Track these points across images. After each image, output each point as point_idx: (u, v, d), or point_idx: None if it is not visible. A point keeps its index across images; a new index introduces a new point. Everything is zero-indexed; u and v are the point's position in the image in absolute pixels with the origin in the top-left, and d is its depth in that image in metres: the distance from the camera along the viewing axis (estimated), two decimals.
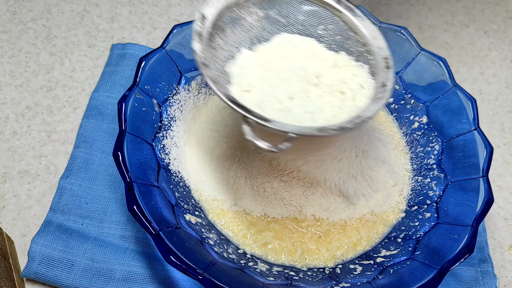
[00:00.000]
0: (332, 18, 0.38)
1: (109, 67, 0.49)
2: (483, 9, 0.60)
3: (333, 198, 0.39)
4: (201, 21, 0.34)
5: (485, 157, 0.37)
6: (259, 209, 0.39)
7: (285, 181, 0.39)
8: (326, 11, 0.38)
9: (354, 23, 0.37)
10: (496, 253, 0.42)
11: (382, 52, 0.36)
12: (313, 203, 0.39)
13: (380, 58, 0.36)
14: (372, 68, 0.36)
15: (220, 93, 0.31)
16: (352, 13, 0.37)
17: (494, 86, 0.53)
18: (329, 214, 0.39)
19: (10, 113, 0.46)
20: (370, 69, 0.37)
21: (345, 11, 0.37)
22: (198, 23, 0.34)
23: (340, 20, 0.38)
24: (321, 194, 0.39)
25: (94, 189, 0.41)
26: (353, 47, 0.37)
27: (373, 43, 0.36)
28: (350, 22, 0.37)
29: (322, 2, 0.38)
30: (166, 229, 0.33)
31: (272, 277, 0.35)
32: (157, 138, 0.39)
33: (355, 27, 0.37)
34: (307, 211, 0.39)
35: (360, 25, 0.37)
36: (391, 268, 0.35)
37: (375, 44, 0.36)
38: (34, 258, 0.37)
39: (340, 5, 0.38)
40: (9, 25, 0.52)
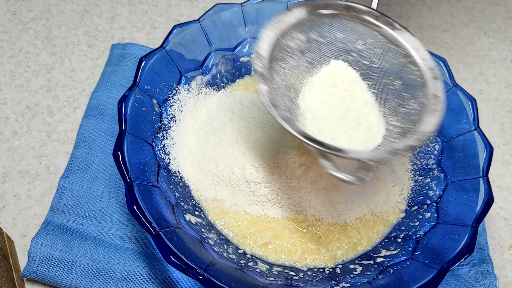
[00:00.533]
0: (370, 33, 0.38)
1: (109, 67, 0.49)
2: (483, 9, 0.60)
3: (336, 197, 0.39)
4: (260, 61, 0.34)
5: (485, 157, 0.37)
6: (259, 209, 0.39)
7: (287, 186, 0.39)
8: (364, 27, 0.38)
9: (393, 36, 0.37)
10: (496, 253, 0.42)
11: (427, 63, 0.36)
12: (313, 204, 0.39)
13: (426, 69, 0.36)
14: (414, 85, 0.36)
15: (294, 131, 0.31)
16: (390, 27, 0.38)
17: (494, 86, 0.53)
18: (330, 214, 0.39)
19: (10, 113, 0.46)
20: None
21: (383, 26, 0.37)
22: (258, 64, 0.34)
23: (378, 34, 0.38)
24: (323, 196, 0.39)
25: (94, 189, 0.41)
26: (394, 59, 0.37)
27: (415, 55, 0.37)
28: (390, 35, 0.37)
29: (360, 19, 0.38)
30: (166, 229, 0.33)
31: (272, 277, 0.35)
32: (157, 138, 0.39)
33: (395, 40, 0.37)
34: (308, 212, 0.39)
35: (400, 37, 0.37)
36: (391, 268, 0.35)
37: (418, 55, 0.36)
38: (34, 258, 0.37)
39: (379, 21, 0.38)
40: (9, 25, 0.52)
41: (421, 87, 0.36)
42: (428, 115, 0.34)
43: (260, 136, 0.41)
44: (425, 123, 0.34)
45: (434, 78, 0.36)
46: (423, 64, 0.36)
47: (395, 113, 0.36)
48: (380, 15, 0.38)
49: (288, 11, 0.36)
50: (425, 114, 0.34)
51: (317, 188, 0.39)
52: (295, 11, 0.36)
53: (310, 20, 0.37)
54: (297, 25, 0.36)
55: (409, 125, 0.35)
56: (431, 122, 0.34)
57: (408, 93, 0.36)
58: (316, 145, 0.31)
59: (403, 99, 0.37)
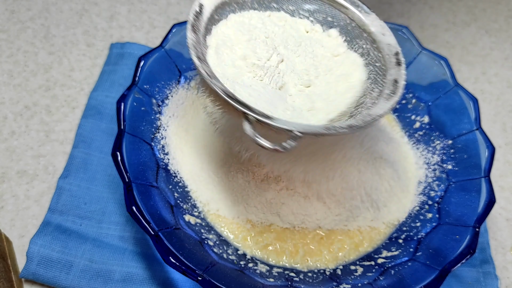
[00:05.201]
0: (339, 15, 0.37)
1: (108, 66, 0.49)
2: (485, 8, 0.59)
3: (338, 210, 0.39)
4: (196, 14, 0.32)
5: (487, 157, 0.37)
6: (261, 219, 0.39)
7: (279, 194, 0.38)
8: (332, 8, 0.37)
9: (362, 20, 0.36)
10: (498, 254, 0.41)
11: (392, 48, 0.35)
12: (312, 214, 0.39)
13: (390, 54, 0.35)
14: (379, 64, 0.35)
15: (217, 88, 0.29)
16: (358, 9, 0.36)
17: (496, 85, 0.53)
18: (336, 225, 0.39)
19: (8, 113, 0.46)
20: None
21: (351, 8, 0.36)
22: (192, 15, 0.32)
23: (347, 18, 0.36)
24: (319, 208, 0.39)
25: (93, 190, 0.41)
26: (361, 44, 0.36)
27: (382, 40, 0.35)
28: (358, 19, 0.36)
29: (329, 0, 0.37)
30: (165, 230, 0.32)
31: (272, 278, 0.35)
32: (156, 138, 0.39)
33: (363, 24, 0.36)
34: (309, 225, 0.39)
35: (367, 21, 0.36)
36: (392, 269, 0.35)
37: (384, 40, 0.35)
38: (32, 258, 0.37)
39: (346, 1, 0.36)
40: (7, 24, 0.52)
41: (384, 74, 0.34)
42: (382, 100, 0.32)
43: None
44: (376, 107, 0.32)
45: (397, 64, 0.34)
46: (388, 49, 0.35)
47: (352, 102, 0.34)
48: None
49: None
50: (380, 98, 0.32)
51: (321, 200, 0.38)
52: None
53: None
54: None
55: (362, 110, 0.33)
56: (382, 106, 0.32)
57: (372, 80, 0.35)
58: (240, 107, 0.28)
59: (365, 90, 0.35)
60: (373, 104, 0.33)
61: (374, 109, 0.32)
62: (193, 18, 0.32)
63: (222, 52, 0.33)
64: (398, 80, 0.33)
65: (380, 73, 0.35)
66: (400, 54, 0.35)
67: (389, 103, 0.32)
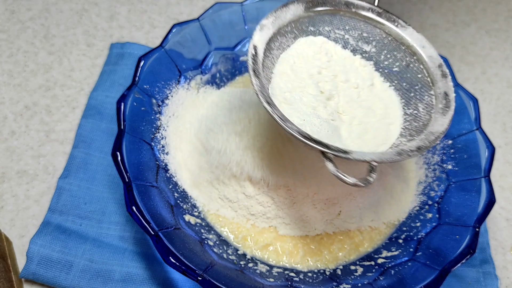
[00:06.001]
0: (373, 30, 0.37)
1: (108, 66, 0.49)
2: (485, 8, 0.59)
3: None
4: (253, 56, 0.32)
5: (487, 157, 0.37)
6: (261, 223, 0.39)
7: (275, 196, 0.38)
8: (367, 25, 0.37)
9: (399, 34, 0.36)
10: (497, 254, 0.41)
11: (434, 61, 0.35)
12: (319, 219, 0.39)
13: (434, 67, 0.35)
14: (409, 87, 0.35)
15: (294, 131, 0.29)
16: (394, 24, 0.36)
17: (496, 85, 0.53)
18: (337, 228, 0.39)
19: (8, 113, 0.46)
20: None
21: (387, 23, 0.36)
22: (250, 59, 0.32)
23: (382, 32, 0.36)
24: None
25: (93, 190, 0.41)
26: (400, 58, 0.36)
27: (422, 52, 0.35)
28: (395, 33, 0.36)
29: (361, 16, 0.37)
30: (165, 230, 0.32)
31: (272, 278, 0.35)
32: (156, 138, 0.39)
33: (400, 38, 0.36)
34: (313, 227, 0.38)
35: (405, 35, 0.36)
36: (392, 269, 0.35)
37: (425, 53, 0.35)
38: (32, 258, 0.37)
39: (382, 18, 0.36)
40: (7, 24, 0.52)
41: (430, 86, 0.34)
42: (438, 115, 0.33)
43: (262, 138, 0.40)
44: (434, 123, 0.32)
45: (443, 76, 0.34)
46: (430, 62, 0.35)
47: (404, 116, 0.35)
48: (383, 11, 0.37)
49: (284, 6, 0.35)
50: (435, 113, 0.33)
51: (322, 200, 0.38)
52: (291, 6, 0.35)
53: (308, 16, 0.36)
54: (294, 21, 0.35)
55: (417, 126, 0.33)
56: (441, 122, 0.32)
57: (415, 93, 0.35)
58: (317, 146, 0.29)
59: (409, 100, 0.35)
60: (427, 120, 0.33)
61: (434, 126, 0.32)
62: (252, 61, 0.32)
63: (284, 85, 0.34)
64: (448, 93, 0.34)
65: (425, 84, 0.35)
66: (444, 66, 0.35)
67: (446, 118, 0.32)
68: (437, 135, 0.31)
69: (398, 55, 0.36)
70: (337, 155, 0.29)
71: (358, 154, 0.30)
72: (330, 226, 0.38)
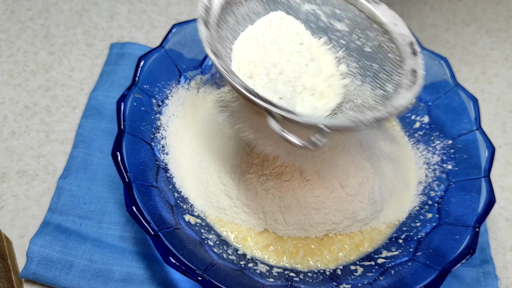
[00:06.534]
0: (347, 7, 0.35)
1: (108, 66, 0.49)
2: (485, 8, 0.59)
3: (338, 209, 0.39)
4: (207, 8, 0.31)
5: (487, 157, 0.37)
6: (261, 226, 0.39)
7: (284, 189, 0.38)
8: (341, 0, 0.35)
9: (371, 10, 0.35)
10: (497, 254, 0.41)
11: (405, 38, 0.34)
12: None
13: (404, 44, 0.33)
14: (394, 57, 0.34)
15: (238, 85, 0.28)
16: (367, 0, 0.35)
17: (496, 85, 0.53)
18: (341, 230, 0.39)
19: (8, 113, 0.46)
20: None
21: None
22: (202, 9, 0.31)
23: (356, 9, 0.35)
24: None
25: (93, 190, 0.41)
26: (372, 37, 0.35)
27: (395, 30, 0.34)
28: (368, 10, 0.35)
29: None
30: (165, 230, 0.32)
31: (272, 278, 0.35)
32: (156, 138, 0.39)
33: (373, 15, 0.34)
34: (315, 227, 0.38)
35: (378, 12, 0.35)
36: (392, 269, 0.35)
37: (397, 30, 0.34)
38: (32, 258, 0.37)
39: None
40: (7, 24, 0.52)
41: (399, 65, 0.33)
42: (403, 90, 0.31)
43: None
44: (397, 97, 0.31)
45: (413, 54, 0.33)
46: (401, 39, 0.34)
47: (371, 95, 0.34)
48: None
49: None
50: (400, 89, 0.32)
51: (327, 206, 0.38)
52: None
53: None
54: None
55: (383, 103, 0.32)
56: (405, 97, 0.31)
57: (385, 73, 0.34)
58: (265, 104, 0.27)
59: (379, 81, 0.34)
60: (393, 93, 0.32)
61: (396, 100, 0.31)
62: (204, 12, 0.31)
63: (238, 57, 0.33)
64: (417, 70, 0.32)
65: (395, 64, 0.34)
66: (415, 44, 0.34)
67: (410, 93, 0.31)
68: (398, 108, 0.30)
69: (371, 34, 0.35)
70: (284, 116, 0.27)
71: (307, 117, 0.27)
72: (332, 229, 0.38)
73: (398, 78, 0.33)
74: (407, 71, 0.33)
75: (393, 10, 0.36)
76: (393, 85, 0.33)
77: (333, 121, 0.28)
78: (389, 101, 0.31)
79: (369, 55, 0.35)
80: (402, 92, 0.32)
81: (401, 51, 0.34)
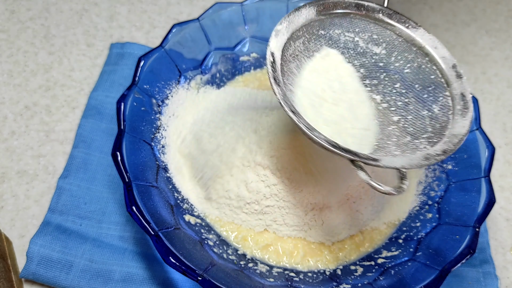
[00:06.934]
0: (384, 32, 0.36)
1: (108, 66, 0.49)
2: (485, 8, 0.59)
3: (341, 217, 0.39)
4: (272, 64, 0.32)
5: (487, 157, 0.37)
6: (261, 226, 0.38)
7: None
8: (378, 26, 0.36)
9: (410, 35, 0.36)
10: (497, 254, 0.41)
11: (448, 61, 0.35)
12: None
13: (447, 67, 0.34)
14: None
15: (322, 140, 0.29)
16: (405, 25, 0.36)
17: (496, 85, 0.53)
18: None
19: (8, 113, 0.46)
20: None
21: (397, 25, 0.36)
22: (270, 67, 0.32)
23: (393, 33, 0.36)
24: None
25: (93, 190, 0.41)
26: (412, 59, 0.36)
27: (435, 53, 0.35)
28: (406, 35, 0.36)
29: (372, 18, 0.36)
30: (165, 230, 0.32)
31: (272, 278, 0.35)
32: (156, 138, 0.39)
33: (411, 39, 0.36)
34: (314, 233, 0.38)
35: (416, 36, 0.36)
36: (392, 269, 0.35)
37: (437, 53, 0.35)
38: (32, 258, 0.37)
39: (392, 19, 0.36)
40: (7, 24, 0.52)
41: (444, 87, 0.34)
42: (457, 117, 0.32)
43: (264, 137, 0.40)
44: (455, 125, 0.32)
45: (457, 77, 0.34)
46: (444, 63, 0.35)
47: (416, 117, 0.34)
48: (393, 12, 0.36)
49: (297, 10, 0.35)
50: (454, 115, 0.33)
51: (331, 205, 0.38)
52: (303, 10, 0.35)
53: (319, 20, 0.36)
54: (306, 25, 0.35)
55: (436, 129, 0.33)
56: (461, 124, 0.32)
57: (429, 94, 0.35)
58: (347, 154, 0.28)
59: (424, 102, 0.35)
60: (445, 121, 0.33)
61: (455, 128, 0.32)
62: (272, 69, 0.32)
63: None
64: (465, 94, 0.33)
65: (440, 86, 0.34)
66: (458, 67, 0.34)
67: (466, 119, 0.32)
68: (460, 138, 0.31)
69: (409, 56, 0.36)
70: (367, 163, 0.29)
71: (387, 161, 0.29)
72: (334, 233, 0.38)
73: (445, 100, 0.34)
74: (456, 95, 0.33)
75: (392, 10, 0.36)
76: (439, 107, 0.34)
77: (411, 162, 0.30)
78: (447, 129, 0.32)
79: (410, 76, 0.36)
80: (457, 118, 0.32)
81: (444, 74, 0.34)
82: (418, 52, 0.36)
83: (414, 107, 0.35)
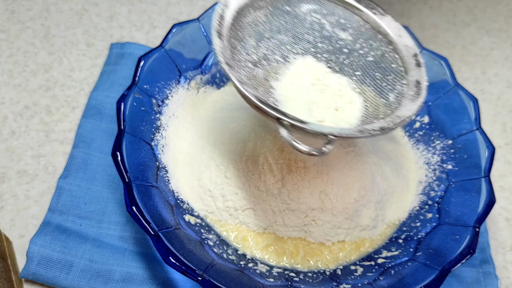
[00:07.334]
0: (352, 17, 0.36)
1: (108, 66, 0.49)
2: (485, 8, 0.59)
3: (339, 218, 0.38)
4: (220, 20, 0.32)
5: (487, 157, 0.37)
6: (261, 226, 0.38)
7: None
8: (346, 11, 0.36)
9: (376, 22, 0.35)
10: (497, 254, 0.41)
11: (410, 50, 0.35)
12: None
13: (409, 55, 0.35)
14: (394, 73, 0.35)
15: (250, 95, 0.29)
16: (373, 11, 0.36)
17: (496, 85, 0.53)
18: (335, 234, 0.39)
19: (8, 113, 0.46)
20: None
21: (365, 10, 0.36)
22: (216, 21, 0.32)
23: (360, 19, 0.36)
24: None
25: (93, 190, 0.41)
26: (376, 47, 0.36)
27: (399, 41, 0.35)
28: (373, 21, 0.36)
29: (341, 1, 0.36)
30: (165, 230, 0.32)
31: (272, 278, 0.35)
32: (156, 138, 0.39)
33: (377, 26, 0.35)
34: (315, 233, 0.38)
35: (383, 23, 0.35)
36: (392, 269, 0.35)
37: (401, 42, 0.35)
38: (32, 258, 0.37)
39: (361, 4, 0.36)
40: (7, 24, 0.52)
41: (402, 75, 0.34)
42: (407, 101, 0.32)
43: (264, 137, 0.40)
44: (402, 108, 0.32)
45: (417, 66, 0.34)
46: (406, 51, 0.35)
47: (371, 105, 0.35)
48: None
49: None
50: (405, 99, 0.33)
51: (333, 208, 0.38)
52: None
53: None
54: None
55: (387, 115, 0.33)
56: (409, 107, 0.32)
57: (388, 83, 0.35)
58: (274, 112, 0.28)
59: (381, 90, 0.35)
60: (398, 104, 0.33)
61: (401, 110, 0.32)
62: (218, 23, 0.32)
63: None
64: (420, 81, 0.33)
65: (398, 74, 0.35)
66: (419, 55, 0.35)
67: (415, 104, 0.32)
68: (403, 119, 0.31)
69: (374, 44, 0.36)
70: (294, 124, 0.28)
71: (315, 126, 0.29)
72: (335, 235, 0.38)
73: (401, 88, 0.34)
74: (411, 82, 0.33)
75: (393, 11, 0.36)
76: (395, 94, 0.34)
77: (342, 131, 0.29)
78: (394, 111, 0.32)
79: (372, 65, 0.36)
80: (406, 102, 0.32)
81: (405, 62, 0.34)
82: (383, 40, 0.36)
83: (371, 95, 0.35)
